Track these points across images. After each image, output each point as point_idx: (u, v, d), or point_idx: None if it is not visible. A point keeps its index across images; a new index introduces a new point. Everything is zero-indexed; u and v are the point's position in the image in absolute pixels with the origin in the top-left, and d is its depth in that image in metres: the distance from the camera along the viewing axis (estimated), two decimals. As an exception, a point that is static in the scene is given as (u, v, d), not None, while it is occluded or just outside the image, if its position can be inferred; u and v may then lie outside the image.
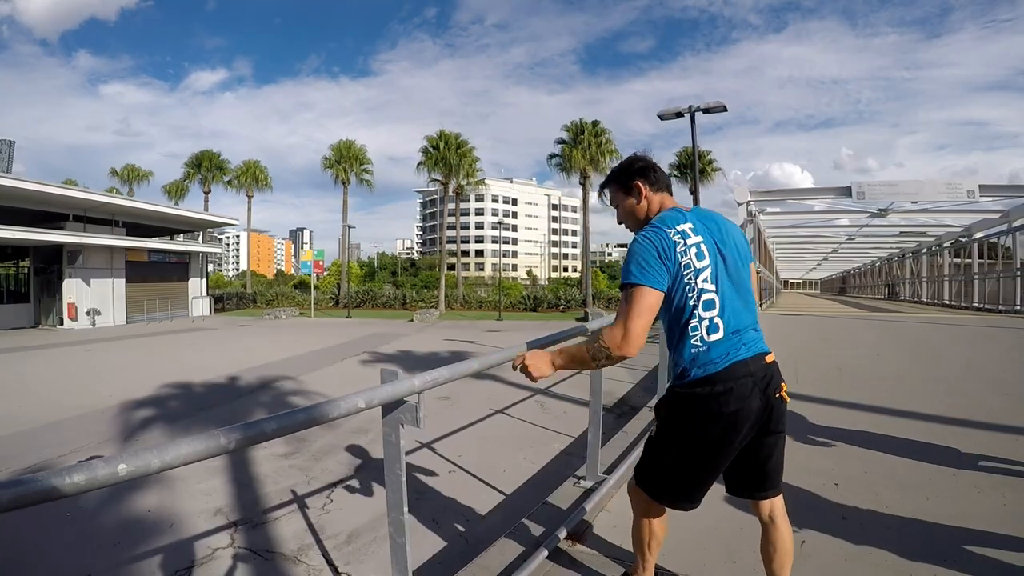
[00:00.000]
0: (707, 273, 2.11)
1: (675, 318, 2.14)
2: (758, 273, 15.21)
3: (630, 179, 2.36)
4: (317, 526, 4.90)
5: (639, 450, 4.75)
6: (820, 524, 3.31)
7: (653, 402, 2.74)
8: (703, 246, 2.14)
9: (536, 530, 3.46)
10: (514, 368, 2.43)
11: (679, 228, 2.14)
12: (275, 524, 4.99)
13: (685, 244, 2.11)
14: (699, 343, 2.10)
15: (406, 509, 2.18)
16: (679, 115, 14.94)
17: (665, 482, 2.24)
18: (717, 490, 2.30)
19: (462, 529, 4.66)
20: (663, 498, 2.27)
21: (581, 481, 4.16)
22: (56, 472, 1.19)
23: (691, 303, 2.10)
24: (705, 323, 2.09)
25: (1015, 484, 3.80)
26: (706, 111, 14.73)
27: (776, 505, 2.25)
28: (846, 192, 21.06)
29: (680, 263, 2.09)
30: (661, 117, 15.22)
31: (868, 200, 21.42)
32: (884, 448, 4.62)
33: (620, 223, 2.48)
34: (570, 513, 3.57)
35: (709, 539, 3.17)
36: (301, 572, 4.17)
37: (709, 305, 2.10)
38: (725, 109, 14.64)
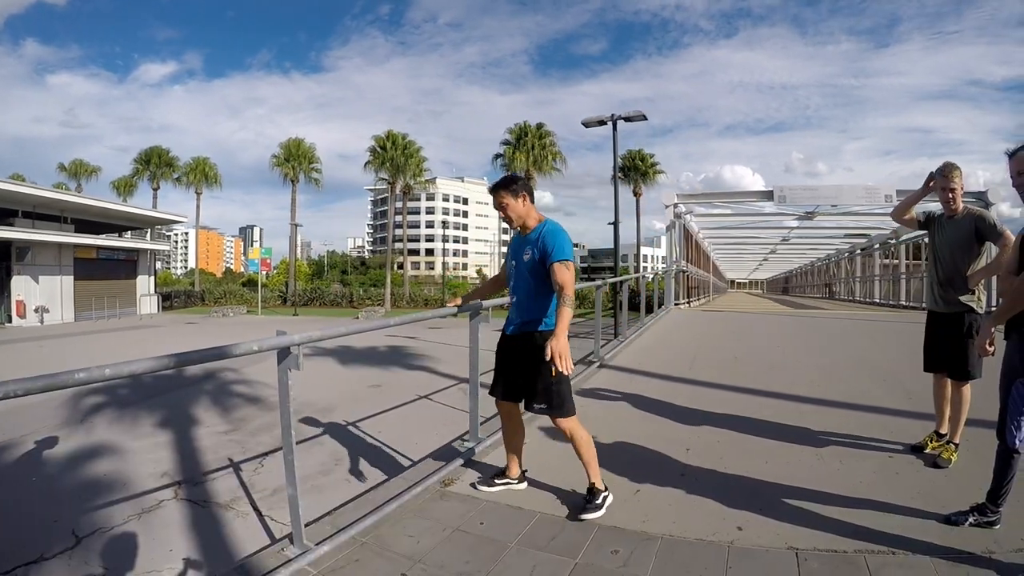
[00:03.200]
0: None
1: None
2: (684, 272, 16.24)
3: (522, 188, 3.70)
4: (248, 484, 5.84)
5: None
6: (659, 479, 3.98)
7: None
8: None
9: (418, 476, 4.36)
10: (556, 372, 3.34)
11: None
12: (213, 483, 5.92)
13: None
14: None
15: (294, 433, 3.14)
16: (602, 123, 15.82)
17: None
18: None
19: (370, 485, 5.55)
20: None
21: (465, 443, 5.08)
22: (67, 372, 2.09)
23: None
24: None
25: (857, 454, 4.34)
26: (627, 119, 15.66)
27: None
28: (768, 196, 22.11)
29: None
30: (585, 125, 16.08)
31: (790, 203, 22.52)
32: (747, 424, 5.23)
33: (506, 218, 3.71)
34: (446, 464, 4.49)
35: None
36: (231, 516, 5.11)
37: None
38: (644, 118, 15.66)
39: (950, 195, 4.12)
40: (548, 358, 3.13)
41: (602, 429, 5.08)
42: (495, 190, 3.68)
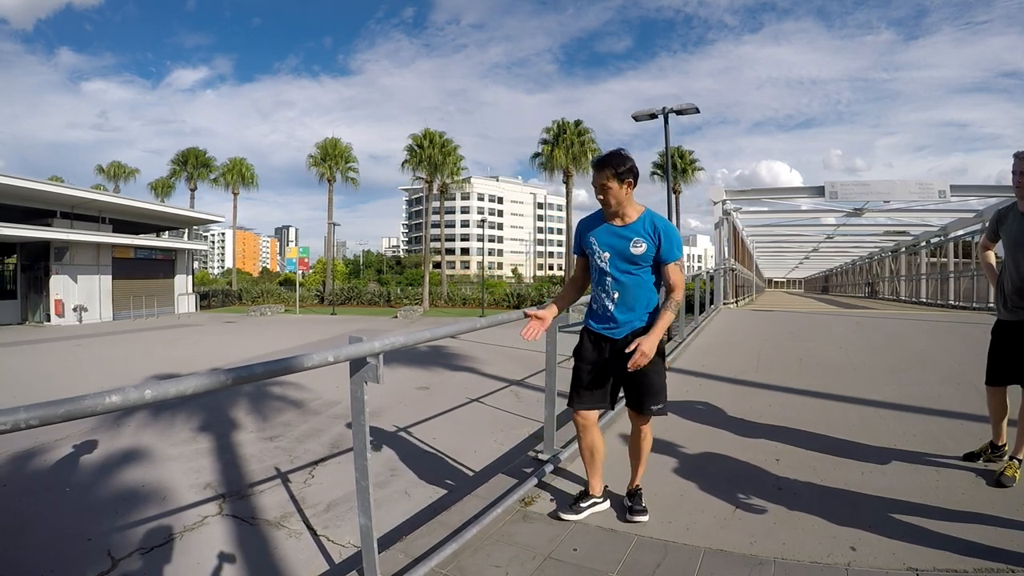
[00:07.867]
0: None
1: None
2: (733, 271, 15.59)
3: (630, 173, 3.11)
4: (299, 497, 5.34)
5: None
6: (756, 494, 3.62)
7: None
8: None
9: (493, 494, 3.87)
10: (634, 367, 3.01)
11: None
12: (260, 496, 5.43)
13: None
14: None
15: (369, 455, 2.62)
16: (653, 116, 15.36)
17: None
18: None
19: (431, 499, 5.08)
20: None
21: (539, 455, 4.58)
22: (96, 394, 1.59)
23: None
24: None
25: (950, 463, 4.02)
26: (679, 113, 15.15)
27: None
28: (819, 191, 21.35)
29: None
30: (635, 118, 15.63)
31: (841, 199, 21.71)
32: (830, 430, 4.86)
33: (605, 203, 3.16)
34: (524, 480, 3.98)
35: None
36: (283, 535, 4.61)
37: None
38: (697, 111, 15.10)
39: (1021, 179, 3.52)
40: (638, 355, 2.94)
41: (681, 438, 4.77)
42: (600, 167, 3.11)
